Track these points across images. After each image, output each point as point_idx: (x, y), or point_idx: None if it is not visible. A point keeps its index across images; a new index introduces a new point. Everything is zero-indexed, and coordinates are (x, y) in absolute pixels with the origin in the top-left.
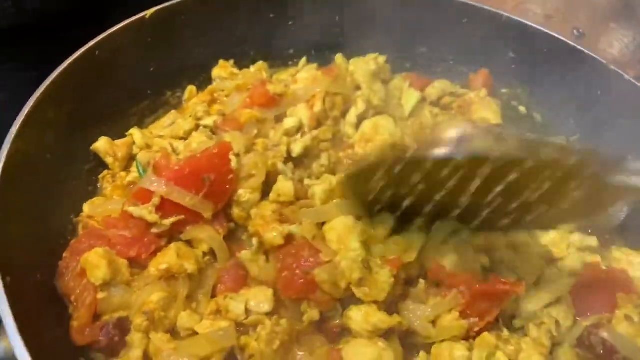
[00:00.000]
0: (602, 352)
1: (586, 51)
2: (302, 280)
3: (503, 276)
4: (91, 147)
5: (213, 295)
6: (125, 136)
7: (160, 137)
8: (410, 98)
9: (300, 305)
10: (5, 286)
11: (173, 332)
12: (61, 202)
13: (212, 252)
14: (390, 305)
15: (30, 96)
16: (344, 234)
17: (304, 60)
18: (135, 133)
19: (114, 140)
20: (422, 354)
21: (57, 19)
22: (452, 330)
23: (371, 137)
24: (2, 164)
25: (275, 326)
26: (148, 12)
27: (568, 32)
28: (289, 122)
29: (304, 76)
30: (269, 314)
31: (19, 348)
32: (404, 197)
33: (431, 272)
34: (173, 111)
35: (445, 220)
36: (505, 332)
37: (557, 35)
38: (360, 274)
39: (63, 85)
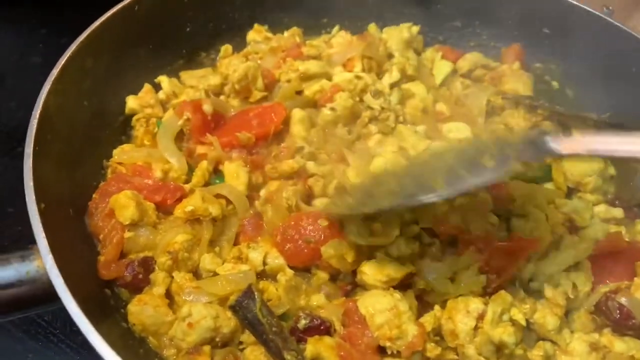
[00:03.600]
0: (618, 316)
1: (622, 26)
2: (306, 250)
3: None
4: (126, 112)
5: (236, 243)
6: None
7: (192, 87)
8: (441, 68)
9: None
10: (40, 210)
11: (195, 274)
12: (95, 147)
13: None
14: (406, 264)
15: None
16: None
17: (336, 28)
18: (163, 80)
19: None
20: (436, 307)
21: None
22: (470, 286)
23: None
24: (42, 102)
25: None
26: None
27: (597, 9)
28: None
29: (338, 41)
30: None
31: (50, 265)
32: None
33: (439, 231)
34: (209, 68)
35: None
36: (522, 293)
37: (592, 10)
38: (367, 228)
39: (102, 36)
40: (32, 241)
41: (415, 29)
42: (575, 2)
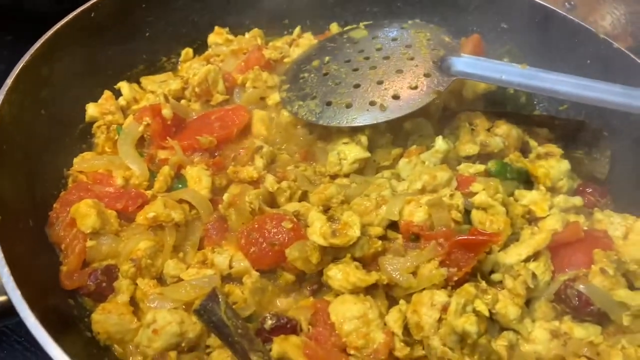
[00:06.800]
0: (577, 304)
1: (577, 20)
2: (270, 253)
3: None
4: (86, 119)
5: (200, 248)
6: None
7: (152, 92)
8: None
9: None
10: None
11: (159, 280)
12: (55, 156)
13: None
14: (371, 262)
15: None
16: None
17: (298, 28)
18: (123, 86)
19: None
20: (401, 302)
21: None
22: (432, 279)
23: None
24: None
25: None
26: None
27: (559, 4)
28: None
29: (304, 42)
30: None
31: (6, 278)
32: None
33: (402, 228)
34: (170, 72)
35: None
36: (483, 284)
37: (549, 6)
38: (329, 229)
39: (57, 44)
40: None
41: None
42: None
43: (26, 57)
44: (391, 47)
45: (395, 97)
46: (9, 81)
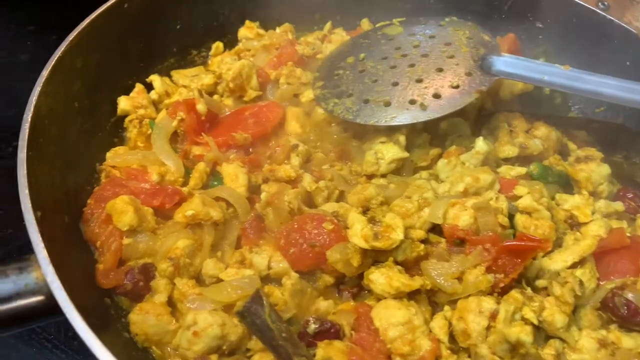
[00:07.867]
0: (625, 312)
1: (617, 21)
2: (311, 254)
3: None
4: (118, 113)
5: (237, 247)
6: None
7: (185, 86)
8: None
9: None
10: (37, 219)
11: (198, 280)
12: (87, 150)
13: None
14: (412, 266)
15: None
16: None
17: (329, 24)
18: (155, 79)
19: None
20: (446, 308)
21: None
22: (478, 285)
23: None
24: (33, 104)
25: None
26: None
27: (592, 4)
28: None
29: (336, 38)
30: None
31: (51, 277)
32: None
33: (446, 231)
34: (201, 66)
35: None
36: (529, 291)
37: (587, 5)
38: (371, 231)
39: (92, 34)
40: (24, 245)
41: None
42: None
43: (62, 47)
44: (429, 44)
45: (436, 96)
46: (44, 73)
